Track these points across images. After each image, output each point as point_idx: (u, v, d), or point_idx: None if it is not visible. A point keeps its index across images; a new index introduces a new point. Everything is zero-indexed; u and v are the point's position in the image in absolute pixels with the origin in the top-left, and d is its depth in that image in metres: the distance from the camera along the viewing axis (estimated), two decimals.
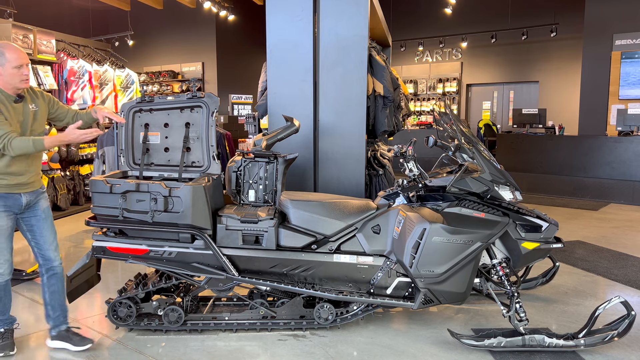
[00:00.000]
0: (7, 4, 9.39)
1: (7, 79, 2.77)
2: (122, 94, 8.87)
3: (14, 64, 2.74)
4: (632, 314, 3.00)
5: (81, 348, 3.06)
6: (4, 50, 2.75)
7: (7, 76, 2.76)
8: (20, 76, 2.78)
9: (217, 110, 3.39)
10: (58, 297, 3.09)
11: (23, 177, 2.88)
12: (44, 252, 3.04)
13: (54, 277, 3.07)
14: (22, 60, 2.78)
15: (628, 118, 8.42)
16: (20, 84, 2.81)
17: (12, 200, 2.87)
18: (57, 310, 3.09)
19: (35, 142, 2.73)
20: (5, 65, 2.74)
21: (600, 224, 6.72)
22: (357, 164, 4.43)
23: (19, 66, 2.76)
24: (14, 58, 2.74)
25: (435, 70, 14.14)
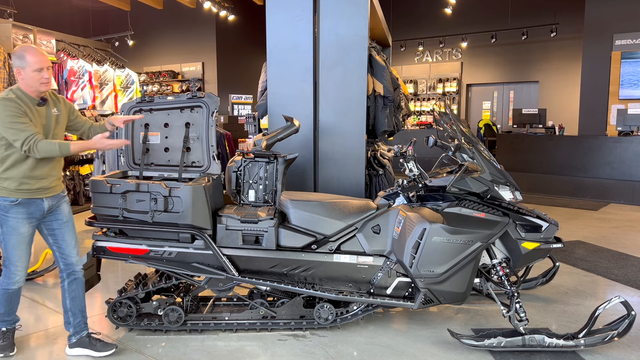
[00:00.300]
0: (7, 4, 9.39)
1: (28, 82, 2.75)
2: (122, 94, 8.87)
3: (34, 67, 2.73)
4: (632, 314, 3.00)
5: (106, 354, 2.99)
6: (25, 53, 2.74)
7: (28, 79, 2.75)
8: (41, 79, 2.76)
9: (217, 110, 3.39)
10: (79, 303, 3.03)
11: (45, 181, 2.85)
12: (65, 257, 2.99)
13: (75, 282, 3.02)
14: (43, 64, 2.76)
15: (628, 118, 8.43)
16: (41, 87, 2.79)
17: (34, 206, 2.83)
18: (77, 316, 3.03)
19: (62, 146, 2.69)
20: (26, 68, 2.73)
21: (600, 224, 6.72)
22: (357, 164, 4.43)
23: (39, 69, 2.74)
24: (34, 61, 2.73)
25: (435, 70, 14.13)
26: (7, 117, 2.63)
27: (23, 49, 2.76)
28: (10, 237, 2.79)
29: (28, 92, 2.77)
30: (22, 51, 2.74)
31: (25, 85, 2.77)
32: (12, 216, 2.77)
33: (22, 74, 2.74)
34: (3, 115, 2.63)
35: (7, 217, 2.77)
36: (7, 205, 2.76)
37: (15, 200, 2.77)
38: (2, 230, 2.79)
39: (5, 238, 2.79)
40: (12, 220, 2.77)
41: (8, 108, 2.64)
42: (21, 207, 2.79)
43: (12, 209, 2.77)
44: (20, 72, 2.74)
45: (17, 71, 2.75)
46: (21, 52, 2.74)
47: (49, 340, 3.25)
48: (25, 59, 2.72)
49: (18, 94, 2.74)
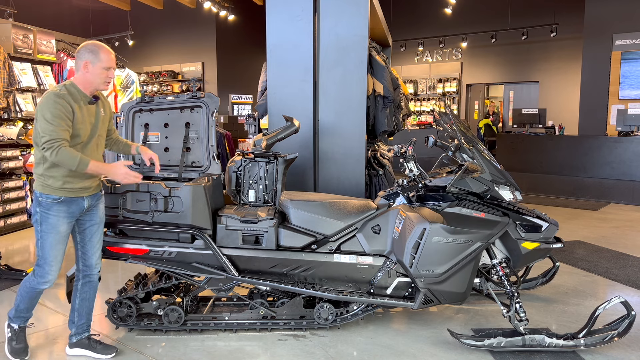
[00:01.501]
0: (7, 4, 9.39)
1: (92, 78, 2.75)
2: (122, 94, 8.86)
3: (105, 65, 2.74)
4: (632, 314, 3.00)
5: (107, 357, 2.99)
6: (99, 50, 2.74)
7: (93, 75, 2.74)
8: (106, 78, 2.77)
9: (217, 110, 3.39)
10: (87, 305, 3.02)
11: (88, 181, 2.83)
12: (87, 258, 2.97)
13: (89, 284, 3.01)
14: (112, 64, 2.79)
15: (628, 118, 8.43)
16: (102, 86, 2.79)
17: (76, 204, 2.80)
18: (83, 317, 3.02)
19: (81, 162, 2.63)
20: (97, 65, 2.73)
21: (600, 224, 6.72)
22: (357, 164, 4.43)
23: (108, 68, 2.76)
24: (106, 59, 2.74)
25: (435, 70, 14.14)
26: (50, 113, 2.59)
27: (96, 44, 2.77)
28: (48, 235, 2.74)
29: (82, 89, 2.76)
30: (96, 47, 2.75)
31: (86, 81, 2.75)
32: (54, 214, 2.73)
33: (89, 68, 2.73)
34: (48, 109, 2.60)
35: (49, 214, 2.73)
36: (49, 202, 2.73)
37: (59, 199, 2.73)
38: (42, 228, 2.74)
39: (43, 236, 2.74)
40: (52, 218, 2.73)
41: (56, 105, 2.61)
42: (63, 205, 2.75)
43: (54, 207, 2.73)
44: (88, 66, 2.73)
45: (84, 64, 2.73)
46: (94, 47, 2.75)
47: (49, 340, 3.25)
48: (99, 55, 2.73)
49: (71, 90, 2.72)
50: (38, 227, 2.76)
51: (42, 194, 2.73)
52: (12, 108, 6.60)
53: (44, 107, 2.61)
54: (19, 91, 6.76)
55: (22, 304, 2.90)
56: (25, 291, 2.88)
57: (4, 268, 4.47)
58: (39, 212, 2.74)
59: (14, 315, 2.94)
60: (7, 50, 6.50)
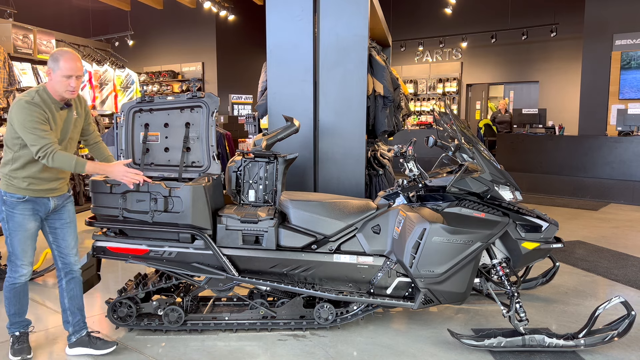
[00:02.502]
0: (7, 4, 9.39)
1: (55, 86, 2.76)
2: (122, 94, 8.87)
3: (64, 73, 2.73)
4: (632, 314, 3.00)
5: (107, 351, 3.00)
6: (60, 56, 2.73)
7: (55, 83, 2.75)
8: (67, 87, 2.76)
9: (217, 110, 3.39)
10: (77, 302, 3.04)
11: (53, 183, 2.87)
12: (64, 257, 3.00)
13: (73, 281, 3.03)
14: (72, 72, 2.75)
15: (628, 118, 8.43)
16: (65, 94, 2.79)
17: (41, 204, 2.85)
18: (77, 315, 3.04)
19: (78, 163, 2.68)
20: (56, 72, 2.73)
21: (600, 224, 6.72)
22: (357, 164, 4.43)
23: (67, 76, 2.74)
24: (65, 67, 2.72)
25: (435, 70, 14.14)
26: (29, 122, 2.63)
27: (60, 52, 2.77)
28: (16, 233, 2.80)
29: (53, 95, 2.78)
30: (58, 54, 2.75)
31: (52, 88, 2.77)
32: (19, 212, 2.79)
33: (52, 76, 2.75)
34: (26, 119, 2.63)
35: (14, 213, 2.78)
36: (14, 201, 2.78)
37: (23, 198, 2.79)
38: (9, 226, 2.80)
39: (11, 234, 2.80)
40: (18, 216, 2.79)
41: (32, 113, 2.64)
42: (28, 204, 2.80)
43: (18, 206, 2.78)
44: (51, 74, 2.75)
45: (48, 72, 2.76)
46: (57, 54, 2.75)
47: (49, 340, 3.25)
48: (59, 62, 2.73)
49: (43, 97, 2.74)
50: (5, 225, 2.81)
51: (6, 193, 2.79)
52: None
53: (19, 115, 2.63)
54: (19, 91, 6.76)
55: (11, 307, 2.91)
56: (7, 291, 2.89)
57: (4, 268, 4.47)
58: (4, 211, 2.80)
59: (9, 324, 2.96)
60: (7, 50, 6.51)
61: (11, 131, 2.73)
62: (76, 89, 2.81)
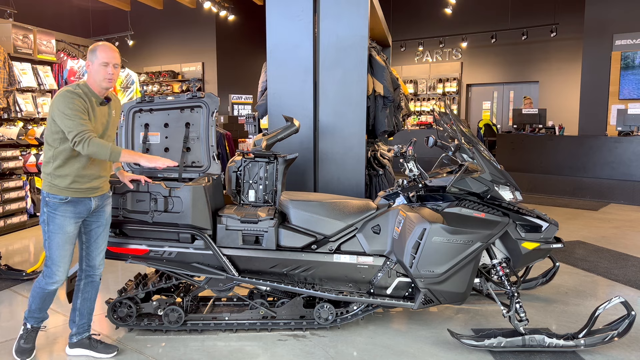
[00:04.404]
0: (7, 4, 9.39)
1: (94, 76, 2.77)
2: (122, 94, 8.86)
3: (101, 61, 2.74)
4: (632, 314, 3.00)
5: (108, 356, 2.99)
6: (96, 48, 2.78)
7: (94, 72, 2.77)
8: (105, 74, 2.76)
9: (217, 110, 3.39)
10: (89, 305, 3.03)
11: (96, 181, 2.85)
12: (91, 259, 2.98)
13: (91, 284, 3.02)
14: (110, 60, 2.76)
15: (628, 118, 8.42)
16: (104, 82, 2.78)
17: (83, 205, 2.81)
18: (84, 317, 3.03)
19: (113, 151, 2.66)
20: (94, 62, 2.76)
21: (600, 224, 6.72)
22: (357, 164, 4.43)
23: (105, 64, 2.75)
24: (102, 56, 2.75)
25: (435, 70, 14.13)
26: (70, 109, 2.62)
27: (97, 44, 2.82)
28: (55, 236, 2.75)
29: (94, 89, 2.79)
30: (95, 46, 2.80)
31: (92, 80, 2.78)
32: (60, 214, 2.74)
33: (90, 67, 2.77)
34: (66, 106, 2.62)
35: (55, 215, 2.74)
36: (56, 202, 2.74)
37: (65, 199, 2.75)
38: (49, 228, 2.75)
39: (50, 236, 2.75)
40: (59, 218, 2.74)
41: (73, 101, 2.64)
42: (70, 205, 2.77)
43: (60, 207, 2.74)
44: (90, 65, 2.77)
45: (87, 64, 2.79)
46: (94, 46, 2.79)
47: (49, 340, 3.25)
48: (96, 52, 2.76)
49: (85, 90, 2.75)
50: (45, 227, 2.76)
51: (49, 194, 2.75)
52: (12, 108, 6.60)
53: (60, 104, 2.63)
54: (19, 91, 6.76)
55: (33, 304, 2.90)
56: (35, 292, 2.88)
57: (4, 268, 4.47)
58: (46, 213, 2.75)
59: (27, 315, 2.94)
60: (7, 50, 6.50)
61: (52, 125, 2.70)
62: (114, 77, 2.81)
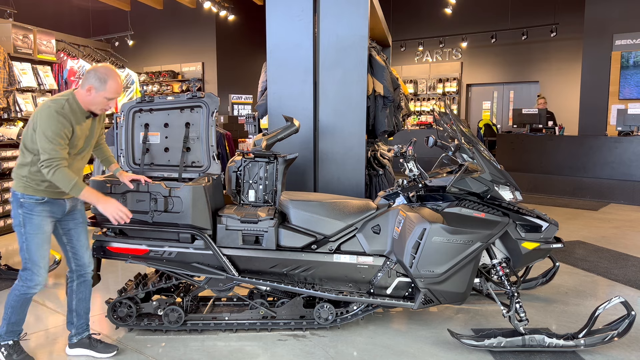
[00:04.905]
0: (7, 4, 9.39)
1: (91, 101, 2.76)
2: (122, 94, 8.86)
3: (108, 96, 2.75)
4: (632, 314, 3.00)
5: (108, 355, 2.99)
6: (107, 79, 2.73)
7: (94, 100, 2.75)
8: (105, 106, 2.80)
9: (217, 110, 3.39)
10: (85, 305, 3.03)
11: None
12: (79, 258, 2.98)
13: (84, 284, 3.02)
14: (117, 95, 2.80)
15: (628, 118, 8.42)
16: (99, 111, 2.83)
17: (58, 206, 2.83)
18: (82, 318, 3.03)
19: (75, 187, 2.65)
20: (100, 92, 2.73)
21: (600, 224, 6.72)
22: (357, 164, 4.43)
23: (111, 99, 2.78)
24: (112, 91, 2.75)
25: (435, 70, 14.13)
26: (52, 131, 2.61)
27: (107, 73, 2.75)
28: (34, 237, 2.74)
29: (82, 105, 2.78)
30: (106, 76, 2.73)
31: (86, 101, 2.76)
32: (37, 214, 2.75)
33: (92, 93, 2.74)
34: (48, 127, 2.61)
35: (32, 215, 2.74)
36: (32, 203, 2.74)
37: (42, 199, 2.75)
38: (26, 230, 2.73)
39: (29, 238, 2.73)
40: (36, 218, 2.74)
41: (57, 124, 2.63)
42: (47, 205, 2.77)
43: (37, 208, 2.74)
44: (92, 91, 2.73)
45: (89, 88, 2.73)
46: (104, 76, 2.73)
47: (49, 340, 3.25)
48: (106, 84, 2.73)
49: (72, 107, 2.73)
50: (22, 229, 2.74)
51: (24, 195, 2.74)
52: (12, 108, 6.60)
53: (44, 123, 2.61)
54: (19, 91, 6.76)
55: (14, 315, 2.83)
56: (15, 301, 2.80)
57: (4, 268, 4.47)
58: (21, 215, 2.74)
59: (6, 331, 2.85)
60: (7, 50, 6.50)
61: (33, 134, 2.68)
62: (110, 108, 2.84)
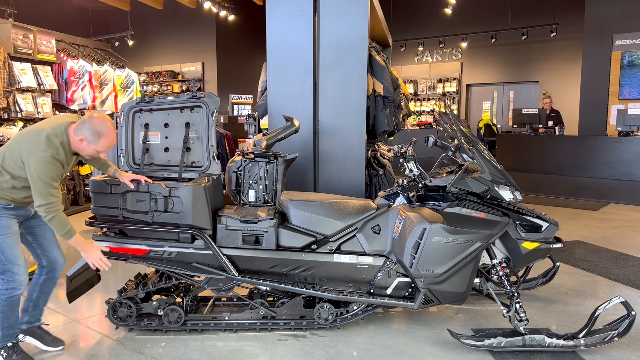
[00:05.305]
0: (7, 4, 9.39)
1: (82, 149, 2.83)
2: (122, 94, 8.86)
3: (99, 149, 2.83)
4: (632, 314, 3.00)
5: (55, 349, 3.06)
6: (101, 136, 2.79)
7: (84, 149, 2.83)
8: (94, 155, 2.90)
9: (217, 110, 3.39)
10: (45, 298, 3.09)
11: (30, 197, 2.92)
12: (48, 253, 3.03)
13: (51, 280, 3.07)
14: (107, 149, 2.88)
15: (628, 118, 8.42)
16: (85, 156, 2.94)
17: (24, 210, 2.91)
18: (38, 309, 3.09)
19: (68, 233, 2.74)
20: (91, 145, 2.80)
21: (600, 224, 6.72)
22: (357, 164, 4.43)
23: (100, 152, 2.86)
24: (103, 146, 2.83)
25: (435, 70, 14.13)
26: (49, 177, 2.67)
27: (103, 130, 2.79)
28: (6, 237, 2.78)
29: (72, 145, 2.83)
30: (101, 132, 2.79)
31: (76, 147, 2.82)
32: (5, 217, 2.81)
33: (84, 144, 2.80)
34: (45, 173, 2.66)
35: (1, 218, 2.80)
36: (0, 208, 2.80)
37: (9, 205, 2.82)
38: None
39: (1, 240, 2.77)
40: (5, 219, 2.80)
41: (54, 168, 2.70)
42: (13, 210, 2.84)
43: (4, 212, 2.81)
44: (83, 141, 2.79)
45: (81, 138, 2.79)
46: (100, 132, 2.78)
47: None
48: (99, 141, 2.80)
49: (65, 147, 2.78)
50: None
51: None
52: (12, 108, 6.60)
53: (40, 168, 2.64)
54: (19, 91, 6.76)
55: (6, 320, 2.84)
56: (3, 306, 2.81)
57: None
58: None
59: (2, 335, 2.85)
60: (7, 50, 6.50)
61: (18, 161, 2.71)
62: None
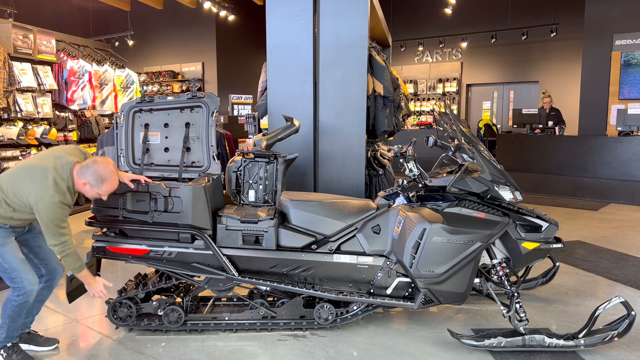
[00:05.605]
0: (7, 4, 9.39)
1: (85, 191, 2.86)
2: (122, 94, 8.87)
3: (101, 193, 2.86)
4: (632, 314, 3.00)
5: (49, 348, 3.07)
6: (105, 181, 2.81)
7: (87, 192, 2.86)
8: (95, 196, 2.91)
9: (217, 110, 3.39)
10: (39, 305, 3.07)
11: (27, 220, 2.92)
12: (47, 262, 3.02)
13: (48, 289, 3.06)
14: (109, 193, 2.91)
15: (628, 118, 8.42)
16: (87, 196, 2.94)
17: (21, 229, 2.92)
18: (31, 316, 3.08)
19: (79, 267, 2.83)
20: (94, 188, 2.82)
21: (600, 224, 6.72)
22: (357, 164, 4.43)
23: (102, 195, 2.88)
24: (106, 190, 2.86)
25: (435, 70, 14.13)
26: (60, 220, 2.72)
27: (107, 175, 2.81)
28: (6, 248, 2.78)
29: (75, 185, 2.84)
30: (104, 178, 2.81)
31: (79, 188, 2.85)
32: (3, 232, 2.80)
33: (87, 187, 2.83)
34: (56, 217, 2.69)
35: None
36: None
37: (4, 225, 2.80)
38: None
39: (3, 252, 2.77)
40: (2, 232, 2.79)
41: (64, 211, 2.74)
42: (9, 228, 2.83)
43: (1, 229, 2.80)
44: (86, 185, 2.82)
45: (84, 182, 2.81)
46: (103, 177, 2.80)
47: None
48: (102, 186, 2.83)
49: (70, 188, 2.79)
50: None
51: None
52: (12, 108, 6.60)
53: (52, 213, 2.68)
54: (19, 91, 6.76)
55: (13, 323, 2.87)
56: (14, 311, 2.83)
57: None
58: None
59: (5, 337, 2.87)
60: (7, 50, 6.50)
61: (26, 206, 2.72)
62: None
